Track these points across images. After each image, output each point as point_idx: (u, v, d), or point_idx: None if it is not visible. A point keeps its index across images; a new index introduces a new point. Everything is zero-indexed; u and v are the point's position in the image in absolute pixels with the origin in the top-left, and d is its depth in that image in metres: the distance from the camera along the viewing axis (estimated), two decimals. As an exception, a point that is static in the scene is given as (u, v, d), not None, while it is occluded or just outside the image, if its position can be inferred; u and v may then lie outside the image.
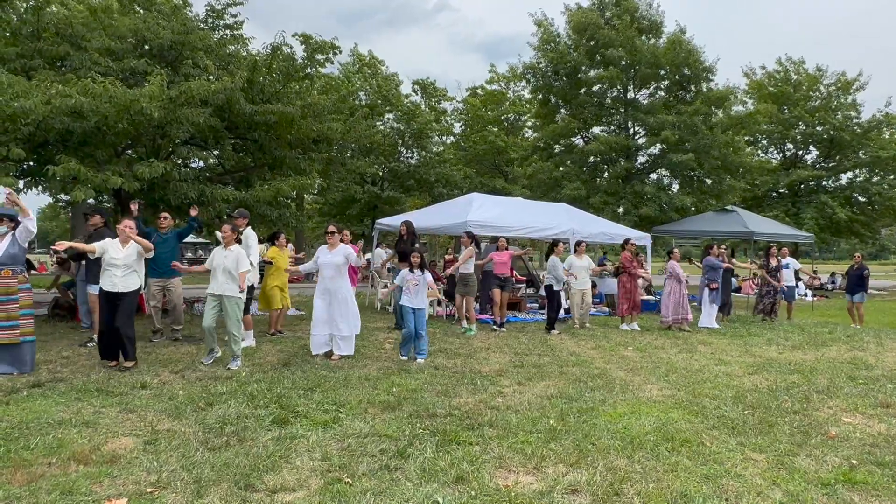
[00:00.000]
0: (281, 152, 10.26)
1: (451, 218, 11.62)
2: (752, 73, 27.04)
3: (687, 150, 20.25)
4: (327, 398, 5.10)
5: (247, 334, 7.75)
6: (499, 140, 29.92)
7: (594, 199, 20.65)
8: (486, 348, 7.89)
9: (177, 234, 7.90)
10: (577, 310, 10.35)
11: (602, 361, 7.17)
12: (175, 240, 7.87)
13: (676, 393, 5.68)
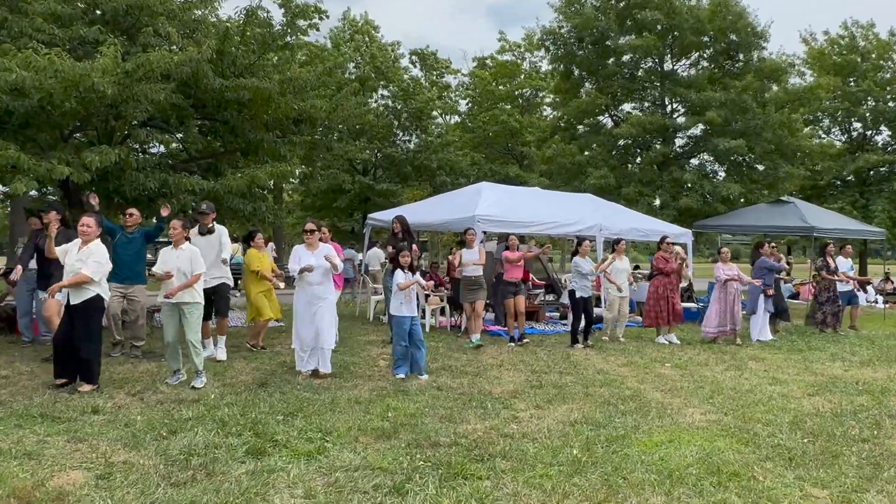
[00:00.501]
0: (256, 135, 10.28)
1: (457, 212, 11.63)
2: (813, 40, 26.97)
3: (735, 132, 20.19)
4: (311, 424, 5.11)
5: (206, 343, 7.78)
6: (512, 120, 29.94)
7: (625, 188, 20.64)
8: (498, 365, 7.89)
9: (144, 233, 7.94)
10: (612, 320, 10.34)
11: (635, 381, 7.16)
12: (142, 240, 7.91)
13: (723, 418, 5.67)
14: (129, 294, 7.83)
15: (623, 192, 20.50)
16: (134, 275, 7.76)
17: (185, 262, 6.35)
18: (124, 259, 7.60)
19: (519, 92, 33.62)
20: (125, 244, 7.75)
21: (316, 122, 11.55)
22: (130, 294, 7.83)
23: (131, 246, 7.80)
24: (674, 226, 14.69)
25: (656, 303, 10.32)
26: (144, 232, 7.97)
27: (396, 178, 27.32)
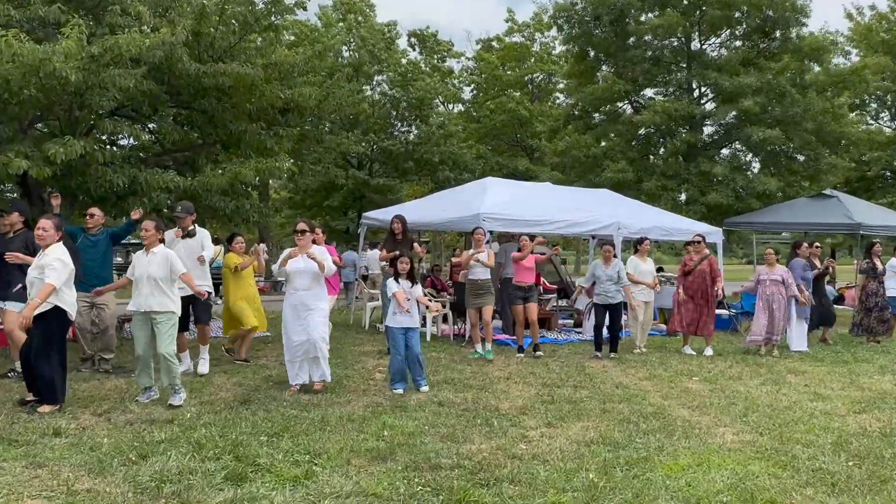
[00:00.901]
0: (238, 126, 10.30)
1: (460, 209, 11.65)
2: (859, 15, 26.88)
3: (771, 120, 20.14)
4: (298, 446, 5.10)
5: (183, 357, 7.79)
6: (521, 108, 30.01)
7: (647, 183, 20.62)
8: (506, 378, 7.88)
9: (110, 235, 7.95)
10: (639, 328, 10.32)
11: (658, 396, 7.15)
12: (107, 243, 7.92)
13: (758, 438, 5.65)
14: (97, 303, 7.85)
15: (644, 186, 20.47)
16: (101, 281, 7.74)
17: (158, 268, 6.34)
18: (89, 265, 7.57)
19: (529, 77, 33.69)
20: (89, 248, 7.74)
21: (305, 112, 11.57)
22: (98, 303, 7.85)
23: (96, 250, 7.79)
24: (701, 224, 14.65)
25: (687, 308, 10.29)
26: (110, 233, 7.97)
27: (394, 174, 27.38)
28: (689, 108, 20.90)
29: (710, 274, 10.30)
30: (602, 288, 9.68)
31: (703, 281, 10.26)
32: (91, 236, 7.85)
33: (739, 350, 10.48)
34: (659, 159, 23.16)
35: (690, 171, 20.89)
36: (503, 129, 31.25)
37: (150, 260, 6.39)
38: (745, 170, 21.70)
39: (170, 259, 6.40)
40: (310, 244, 6.98)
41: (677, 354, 10.10)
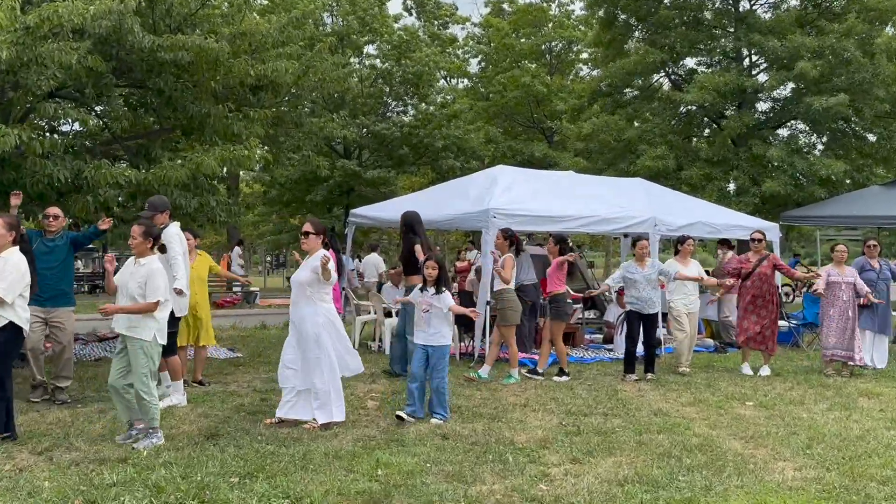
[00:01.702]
0: (200, 108, 10.28)
1: (466, 204, 11.65)
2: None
3: (835, 88, 20.08)
4: (276, 488, 5.08)
5: (176, 386, 7.79)
6: (538, 83, 30.02)
7: (689, 170, 20.60)
8: (522, 405, 7.86)
9: (71, 239, 7.92)
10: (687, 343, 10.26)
11: (705, 424, 7.12)
12: (68, 249, 7.90)
13: (824, 474, 5.62)
14: (52, 320, 7.75)
15: (685, 174, 20.45)
16: (58, 295, 7.68)
17: (137, 285, 6.22)
18: (45, 275, 7.36)
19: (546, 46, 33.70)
20: (46, 255, 7.62)
21: (280, 91, 11.53)
22: (53, 320, 7.75)
23: (53, 256, 7.73)
24: (754, 218, 14.61)
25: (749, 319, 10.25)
26: (71, 238, 7.94)
27: (388, 163, 27.41)
28: (739, 81, 20.85)
29: (772, 276, 10.24)
30: (636, 293, 9.64)
31: (765, 285, 10.18)
32: (48, 240, 7.78)
33: (801, 369, 10.43)
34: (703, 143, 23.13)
35: (740, 155, 20.86)
36: (516, 108, 31.29)
37: (134, 271, 6.29)
38: (807, 152, 21.65)
39: (152, 276, 6.21)
40: (318, 247, 6.94)
41: (727, 374, 10.07)
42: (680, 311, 10.31)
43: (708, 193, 19.61)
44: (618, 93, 24.45)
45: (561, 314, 9.55)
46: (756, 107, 22.61)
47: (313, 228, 6.99)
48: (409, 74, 26.58)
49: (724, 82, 20.54)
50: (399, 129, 26.33)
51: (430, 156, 27.28)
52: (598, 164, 23.62)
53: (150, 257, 6.35)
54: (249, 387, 8.75)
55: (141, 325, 6.19)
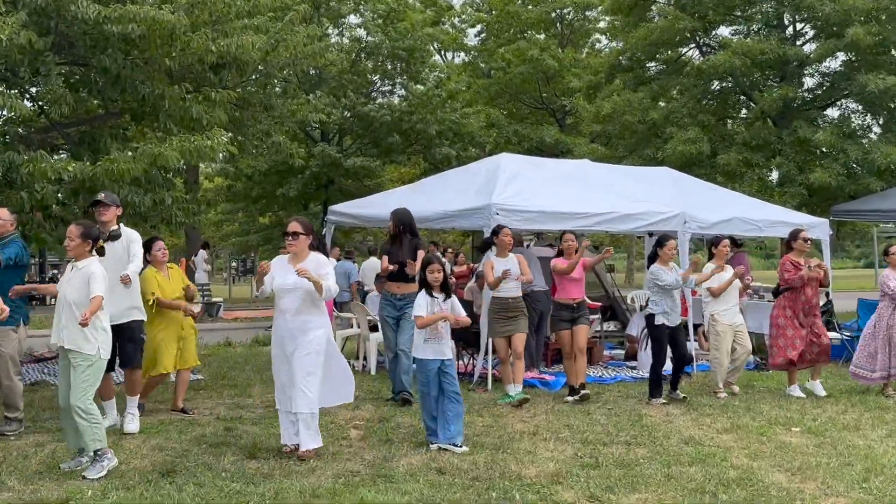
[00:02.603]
0: (153, 89, 10.28)
1: (464, 199, 11.66)
2: None
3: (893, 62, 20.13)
4: (241, 533, 5.10)
5: (107, 407, 7.81)
6: (547, 56, 30.04)
7: (724, 156, 20.61)
8: (531, 433, 7.88)
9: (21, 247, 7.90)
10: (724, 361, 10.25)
11: (744, 455, 7.13)
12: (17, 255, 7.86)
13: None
14: None
15: (720, 160, 20.44)
16: None
17: (76, 291, 6.30)
18: None
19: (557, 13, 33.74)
20: None
21: (246, 69, 11.53)
22: None
23: None
24: (800, 214, 14.64)
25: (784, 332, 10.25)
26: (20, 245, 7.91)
27: (374, 151, 27.38)
28: (780, 50, 20.86)
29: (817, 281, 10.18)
30: (669, 304, 9.66)
31: (813, 292, 10.18)
32: None
33: (856, 388, 10.46)
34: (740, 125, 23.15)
35: (784, 138, 20.87)
36: (522, 87, 31.33)
37: (72, 277, 6.37)
38: (861, 136, 21.67)
39: (91, 279, 6.31)
40: (306, 250, 7.01)
41: (769, 395, 10.08)
42: (725, 325, 10.26)
43: (747, 184, 19.63)
44: (640, 67, 24.48)
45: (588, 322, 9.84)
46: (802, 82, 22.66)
47: (302, 228, 7.03)
48: (398, 50, 26.52)
49: (761, 50, 20.49)
50: (387, 113, 26.21)
51: (423, 143, 27.23)
52: (619, 150, 23.63)
53: (89, 260, 6.44)
54: (212, 414, 8.75)
55: (84, 338, 6.31)
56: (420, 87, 27.27)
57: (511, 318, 9.63)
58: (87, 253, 6.46)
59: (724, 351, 10.18)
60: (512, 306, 9.65)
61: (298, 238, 7.00)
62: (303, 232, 7.01)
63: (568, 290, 9.81)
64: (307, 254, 7.01)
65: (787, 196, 19.30)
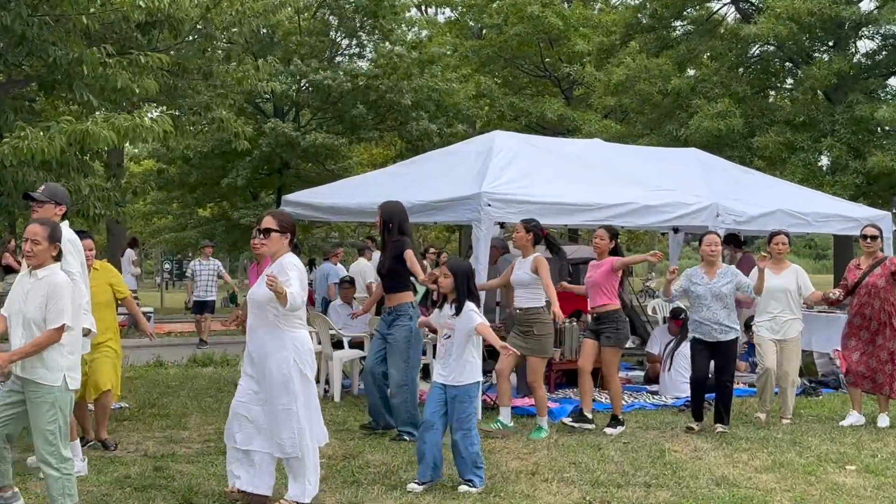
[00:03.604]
0: (68, 52, 10.22)
1: (448, 186, 11.67)
2: None
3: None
4: None
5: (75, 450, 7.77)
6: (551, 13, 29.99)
7: (763, 137, 20.66)
8: (530, 473, 7.88)
9: None
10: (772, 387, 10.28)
11: (788, 499, 7.16)
12: None
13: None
14: None
15: (757, 141, 20.48)
16: None
17: (37, 306, 6.14)
18: None
19: (562, -39, 33.78)
20: None
21: (182, 28, 11.50)
22: None
23: None
24: (857, 205, 14.69)
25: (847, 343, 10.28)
26: None
27: (338, 126, 27.31)
28: (834, 10, 20.94)
29: (891, 289, 10.14)
30: (700, 314, 9.69)
31: (876, 302, 10.16)
32: None
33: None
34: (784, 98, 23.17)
35: (836, 115, 20.93)
36: (520, 50, 31.26)
37: (31, 290, 6.19)
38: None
39: (54, 293, 6.12)
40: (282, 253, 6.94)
41: (819, 425, 10.11)
42: (763, 337, 10.29)
43: (791, 170, 19.68)
44: (663, 27, 24.52)
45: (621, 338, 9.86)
46: (857, 47, 22.77)
47: (277, 224, 6.90)
48: (364, 3, 26.47)
49: (809, 10, 20.54)
50: (352, 80, 26.08)
51: (397, 117, 27.12)
52: (636, 128, 23.66)
53: (52, 267, 6.26)
54: (138, 450, 8.69)
55: (45, 365, 6.12)
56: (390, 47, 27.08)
57: (521, 333, 9.63)
58: (51, 259, 6.30)
59: (768, 368, 10.20)
60: (521, 319, 9.67)
61: (270, 236, 6.88)
62: (276, 229, 6.86)
63: (595, 297, 9.92)
64: (284, 254, 6.93)
65: (839, 185, 19.34)
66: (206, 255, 19.80)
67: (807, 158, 20.61)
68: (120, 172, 20.00)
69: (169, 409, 10.98)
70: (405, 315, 9.43)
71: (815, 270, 48.85)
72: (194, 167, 27.60)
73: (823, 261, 59.33)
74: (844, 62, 21.01)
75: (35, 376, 6.07)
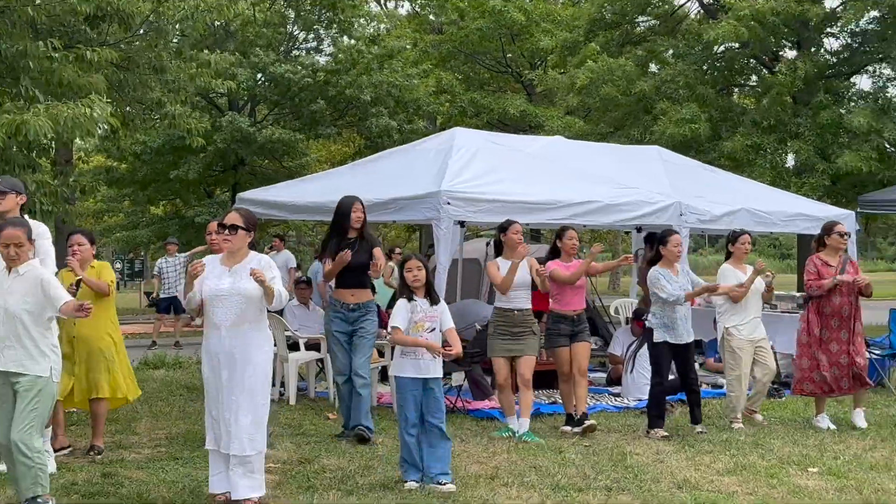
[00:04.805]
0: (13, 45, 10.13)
1: (408, 184, 11.67)
2: None
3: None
4: None
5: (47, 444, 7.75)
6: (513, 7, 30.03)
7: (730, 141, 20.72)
8: (489, 477, 7.87)
9: None
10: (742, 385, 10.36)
11: (750, 502, 7.20)
12: None
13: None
14: None
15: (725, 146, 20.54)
16: None
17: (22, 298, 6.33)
18: None
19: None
20: None
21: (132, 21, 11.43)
22: None
23: None
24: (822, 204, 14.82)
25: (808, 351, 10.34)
26: None
27: (296, 122, 27.21)
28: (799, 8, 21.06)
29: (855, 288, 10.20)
30: (669, 314, 9.75)
31: (848, 301, 10.19)
32: None
33: (888, 419, 10.60)
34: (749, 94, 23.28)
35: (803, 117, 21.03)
36: (482, 45, 31.30)
37: (13, 285, 6.34)
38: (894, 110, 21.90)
39: (43, 283, 6.35)
40: (246, 249, 6.96)
41: (782, 427, 10.19)
42: (740, 340, 10.31)
43: (758, 172, 19.76)
44: (624, 24, 24.57)
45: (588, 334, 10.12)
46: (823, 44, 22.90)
47: (243, 221, 6.94)
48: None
49: (773, 10, 20.64)
50: (310, 75, 26.00)
51: (356, 113, 27.08)
52: (599, 126, 23.73)
53: (31, 262, 6.49)
54: (85, 456, 8.60)
55: (30, 357, 6.34)
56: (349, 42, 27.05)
57: (517, 335, 9.67)
58: (27, 255, 6.47)
59: (744, 373, 10.26)
60: (519, 321, 9.70)
61: (237, 233, 6.90)
62: (243, 226, 6.91)
63: (567, 300, 9.93)
64: (246, 253, 6.96)
65: (808, 187, 19.44)
66: (172, 252, 19.93)
67: (773, 160, 20.75)
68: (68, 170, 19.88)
69: (118, 413, 10.83)
70: (373, 311, 9.68)
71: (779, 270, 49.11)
72: (144, 163, 27.38)
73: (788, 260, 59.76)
74: (811, 65, 21.11)
75: (23, 368, 6.32)
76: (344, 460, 8.39)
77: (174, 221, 29.27)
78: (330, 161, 32.77)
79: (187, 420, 10.54)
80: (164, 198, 30.20)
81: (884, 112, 20.87)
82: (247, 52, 25.41)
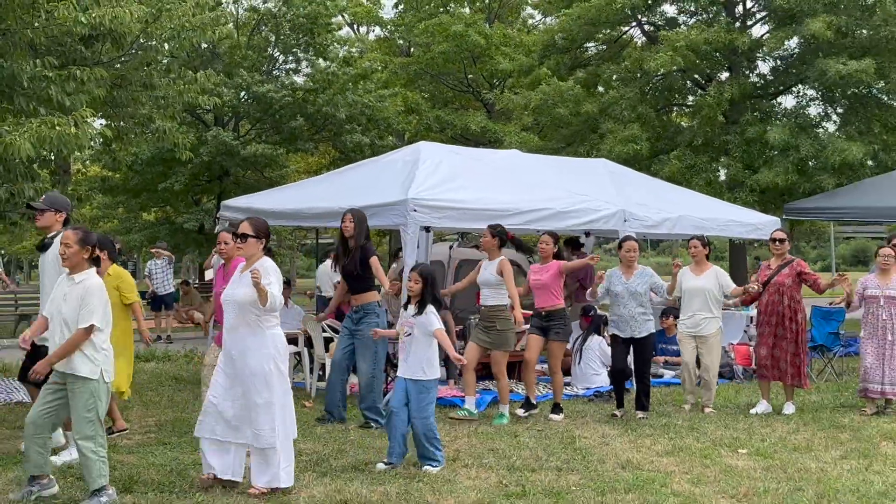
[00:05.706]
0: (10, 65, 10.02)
1: (377, 193, 11.64)
2: None
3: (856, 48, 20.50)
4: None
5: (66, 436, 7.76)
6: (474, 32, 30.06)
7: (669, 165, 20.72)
8: (451, 459, 7.89)
9: None
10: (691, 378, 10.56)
11: (686, 480, 7.24)
12: None
13: (835, 540, 5.75)
14: None
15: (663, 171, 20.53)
16: None
17: (70, 307, 6.33)
18: None
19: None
20: None
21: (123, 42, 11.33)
22: None
23: None
24: (751, 211, 14.95)
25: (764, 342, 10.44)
26: None
27: (276, 137, 27.15)
28: (728, 37, 21.17)
29: (795, 288, 10.32)
30: (620, 310, 9.91)
31: (785, 299, 10.28)
32: None
33: (809, 405, 10.70)
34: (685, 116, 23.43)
35: (732, 137, 21.13)
36: (446, 67, 31.32)
37: (69, 293, 6.35)
38: (815, 126, 22.01)
39: (87, 295, 6.31)
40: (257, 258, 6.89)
41: (717, 414, 10.26)
42: (682, 333, 10.60)
43: (694, 185, 19.84)
44: (575, 48, 24.62)
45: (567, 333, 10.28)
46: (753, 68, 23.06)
47: (253, 230, 6.91)
48: (300, 18, 26.34)
49: (705, 40, 20.76)
50: (290, 94, 25.97)
51: (331, 129, 27.09)
52: (552, 142, 23.79)
53: (88, 271, 6.43)
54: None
55: (82, 359, 6.30)
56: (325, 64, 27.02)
57: (485, 328, 9.86)
58: (85, 263, 6.44)
59: (685, 361, 10.55)
60: (485, 315, 9.92)
61: (247, 241, 6.88)
62: (253, 234, 6.89)
63: (542, 298, 10.09)
64: (259, 259, 6.91)
65: (739, 202, 19.53)
66: (160, 255, 20.29)
67: (707, 177, 20.87)
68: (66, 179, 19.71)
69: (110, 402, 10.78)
70: (372, 313, 9.63)
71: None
72: (136, 173, 27.26)
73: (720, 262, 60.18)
74: (737, 88, 21.28)
75: (74, 370, 6.29)
76: (318, 444, 8.38)
77: (165, 227, 29.12)
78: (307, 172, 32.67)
79: (175, 409, 10.50)
80: (155, 205, 30.01)
81: (802, 129, 21.03)
82: (231, 74, 25.32)
